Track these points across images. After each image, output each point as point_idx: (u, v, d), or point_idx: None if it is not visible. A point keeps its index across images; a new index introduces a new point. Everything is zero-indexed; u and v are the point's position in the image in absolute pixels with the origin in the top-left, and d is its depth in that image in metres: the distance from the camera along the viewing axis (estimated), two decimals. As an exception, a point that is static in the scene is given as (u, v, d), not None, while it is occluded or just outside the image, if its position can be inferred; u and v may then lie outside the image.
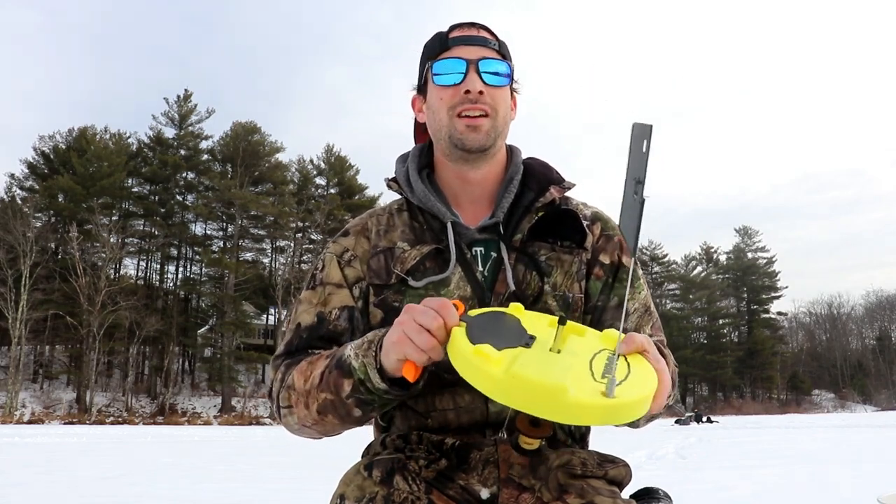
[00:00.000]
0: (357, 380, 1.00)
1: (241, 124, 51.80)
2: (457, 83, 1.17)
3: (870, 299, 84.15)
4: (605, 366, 0.87)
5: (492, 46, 1.20)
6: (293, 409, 1.10)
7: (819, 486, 6.50)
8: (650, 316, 1.26)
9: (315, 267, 1.27)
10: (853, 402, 71.92)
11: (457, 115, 1.18)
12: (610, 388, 0.81)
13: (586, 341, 0.94)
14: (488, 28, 1.24)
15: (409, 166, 1.28)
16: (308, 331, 1.19)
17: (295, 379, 1.10)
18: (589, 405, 0.80)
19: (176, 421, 41.69)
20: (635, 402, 0.82)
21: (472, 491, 1.08)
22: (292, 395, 1.10)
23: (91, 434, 22.84)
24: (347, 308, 1.19)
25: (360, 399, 1.02)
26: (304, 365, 1.11)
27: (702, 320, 68.91)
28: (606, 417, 0.81)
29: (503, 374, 0.82)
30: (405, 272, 1.17)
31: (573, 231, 1.23)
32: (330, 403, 1.04)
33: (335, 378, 1.03)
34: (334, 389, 1.03)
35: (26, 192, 47.44)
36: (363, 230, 1.27)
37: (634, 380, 0.86)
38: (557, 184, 1.26)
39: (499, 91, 1.19)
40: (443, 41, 1.21)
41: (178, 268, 53.55)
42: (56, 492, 6.39)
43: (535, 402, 0.81)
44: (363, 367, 1.00)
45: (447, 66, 1.18)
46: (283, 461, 10.95)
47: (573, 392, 0.79)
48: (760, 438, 17.59)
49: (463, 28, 1.22)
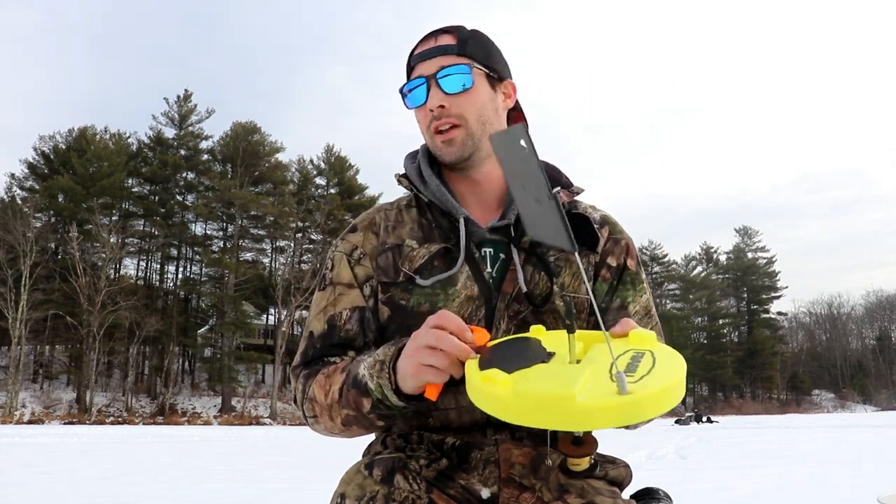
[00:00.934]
0: (375, 399, 1.03)
1: (241, 124, 51.83)
2: (423, 103, 1.19)
3: (870, 299, 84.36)
4: (628, 365, 0.84)
5: (450, 52, 1.18)
6: (319, 419, 1.13)
7: (819, 486, 6.50)
8: (650, 319, 1.26)
9: (325, 266, 1.27)
10: (853, 402, 71.94)
11: (434, 131, 1.20)
12: (622, 385, 0.76)
13: (615, 345, 0.91)
14: (451, 29, 1.21)
15: (420, 161, 1.28)
16: (320, 340, 1.20)
17: (316, 393, 1.12)
18: (601, 407, 0.76)
19: (176, 421, 41.69)
20: (655, 393, 0.77)
21: (472, 490, 1.08)
22: (316, 406, 1.12)
23: (91, 434, 22.84)
24: (358, 309, 1.19)
25: (381, 414, 1.05)
26: (321, 378, 1.12)
27: (702, 320, 68.93)
28: (626, 416, 0.76)
29: (510, 395, 0.81)
30: (413, 271, 1.17)
31: (585, 235, 1.23)
32: (353, 418, 1.08)
33: (354, 396, 1.05)
34: (355, 406, 1.06)
35: (26, 192, 47.47)
36: (371, 225, 1.26)
37: (658, 371, 0.81)
38: (566, 188, 1.26)
39: (464, 96, 1.18)
40: (409, 62, 1.22)
41: (178, 268, 53.62)
42: (56, 492, 6.39)
43: (547, 415, 0.78)
44: (379, 388, 1.01)
45: (411, 87, 1.20)
46: (283, 461, 10.95)
47: (582, 398, 0.76)
48: (760, 438, 17.59)
49: (424, 42, 1.21)
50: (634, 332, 0.93)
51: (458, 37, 1.20)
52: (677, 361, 0.85)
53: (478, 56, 1.19)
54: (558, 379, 0.82)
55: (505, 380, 0.83)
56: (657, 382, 0.78)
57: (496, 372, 0.84)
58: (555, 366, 0.87)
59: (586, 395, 0.77)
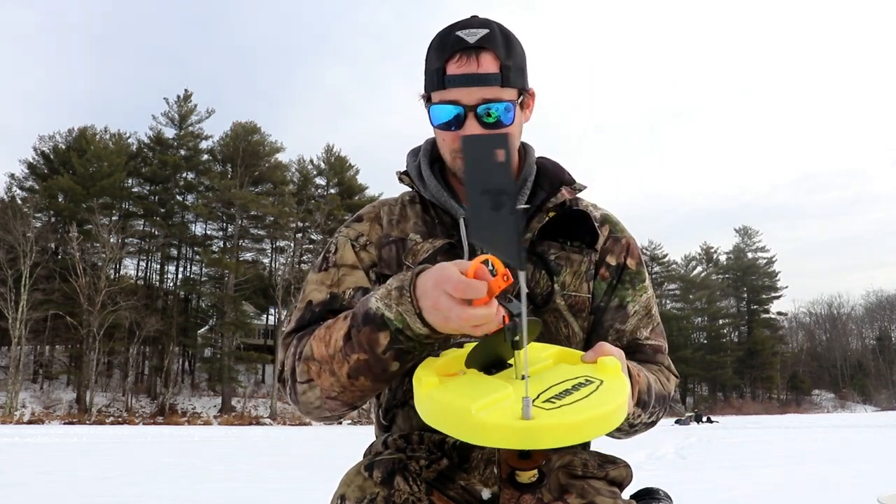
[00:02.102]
0: (394, 330, 0.94)
1: (241, 124, 51.82)
2: (456, 130, 1.14)
3: (870, 299, 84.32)
4: (564, 390, 0.84)
5: (493, 82, 1.11)
6: (314, 382, 1.04)
7: (819, 486, 6.50)
8: (650, 319, 1.25)
9: (327, 250, 1.24)
10: (853, 402, 71.93)
11: (457, 156, 1.17)
12: (526, 409, 0.77)
13: (573, 369, 0.92)
14: (490, 42, 1.12)
15: (420, 160, 1.27)
16: (321, 305, 1.16)
17: (314, 348, 1.04)
18: (497, 426, 0.77)
19: (176, 421, 41.68)
20: (558, 425, 0.77)
21: (472, 491, 1.08)
22: (312, 366, 1.04)
23: (91, 434, 22.83)
24: (362, 289, 1.17)
25: (398, 350, 0.96)
26: (321, 331, 1.05)
27: (702, 320, 68.90)
28: (522, 440, 0.77)
29: (426, 398, 0.85)
30: (417, 265, 1.16)
31: (584, 232, 1.23)
32: (364, 364, 0.99)
33: (367, 334, 0.97)
34: (368, 347, 0.97)
35: (26, 192, 47.45)
36: (376, 217, 1.26)
37: (583, 404, 0.80)
38: (569, 185, 1.25)
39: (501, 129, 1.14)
40: (440, 75, 1.12)
41: (178, 268, 53.60)
42: (56, 492, 6.39)
43: (448, 424, 0.82)
44: (400, 316, 0.93)
45: (443, 111, 1.13)
46: (283, 461, 10.95)
47: (482, 414, 0.78)
48: (760, 438, 17.59)
49: (465, 58, 1.11)
50: (602, 360, 0.92)
51: (500, 60, 1.12)
52: (610, 399, 0.83)
53: (518, 83, 1.15)
54: (474, 391, 0.83)
55: (429, 382, 0.85)
56: (566, 416, 0.78)
57: (427, 373, 0.87)
58: (486, 378, 0.88)
59: (487, 412, 0.79)
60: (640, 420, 1.11)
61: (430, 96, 1.17)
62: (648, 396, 1.10)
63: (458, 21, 1.17)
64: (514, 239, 0.78)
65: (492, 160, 0.79)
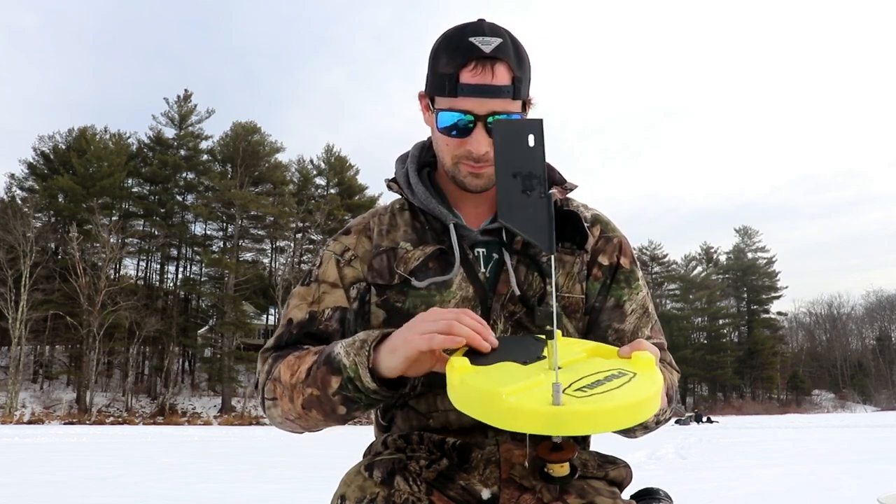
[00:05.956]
0: (346, 378, 0.99)
1: (241, 124, 51.83)
2: (462, 138, 1.14)
3: (870, 299, 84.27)
4: (597, 381, 0.84)
5: (505, 94, 1.11)
6: (277, 402, 1.09)
7: (819, 486, 6.50)
8: (648, 317, 1.25)
9: (313, 263, 1.26)
10: (853, 403, 71.95)
11: (465, 166, 1.16)
12: (556, 395, 0.77)
13: (607, 362, 0.92)
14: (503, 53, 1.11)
15: (408, 167, 1.27)
16: (299, 327, 1.18)
17: (282, 372, 1.09)
18: (526, 411, 0.77)
19: (176, 421, 41.69)
20: (588, 412, 0.77)
21: (472, 491, 1.08)
22: (278, 387, 1.09)
23: (91, 434, 22.84)
24: (340, 309, 1.19)
25: (346, 397, 1.01)
26: (291, 359, 1.10)
27: (702, 320, 68.91)
28: (551, 426, 0.77)
29: (458, 382, 0.85)
30: (408, 272, 1.17)
31: (575, 232, 1.22)
32: (315, 399, 1.04)
33: (323, 374, 1.02)
34: (321, 385, 1.02)
35: (26, 192, 47.50)
36: (365, 229, 1.26)
37: (614, 393, 0.81)
38: (560, 185, 1.25)
39: None
40: (452, 82, 1.11)
41: (178, 268, 53.63)
42: (56, 492, 6.39)
43: (478, 408, 0.82)
44: (354, 366, 0.98)
45: (452, 118, 1.13)
46: (283, 461, 10.95)
47: (512, 399, 0.78)
48: (760, 438, 17.60)
49: (476, 69, 1.10)
50: (637, 354, 0.92)
51: (512, 72, 1.12)
52: (642, 389, 0.83)
53: (525, 95, 1.16)
54: (506, 378, 0.84)
55: (462, 367, 0.86)
56: (598, 403, 0.78)
57: (460, 360, 0.87)
58: (521, 367, 0.89)
59: (517, 396, 0.79)
60: (664, 416, 1.12)
61: (434, 98, 1.16)
62: (672, 393, 1.13)
63: (467, 24, 1.15)
64: (545, 222, 0.80)
65: (524, 144, 0.81)
